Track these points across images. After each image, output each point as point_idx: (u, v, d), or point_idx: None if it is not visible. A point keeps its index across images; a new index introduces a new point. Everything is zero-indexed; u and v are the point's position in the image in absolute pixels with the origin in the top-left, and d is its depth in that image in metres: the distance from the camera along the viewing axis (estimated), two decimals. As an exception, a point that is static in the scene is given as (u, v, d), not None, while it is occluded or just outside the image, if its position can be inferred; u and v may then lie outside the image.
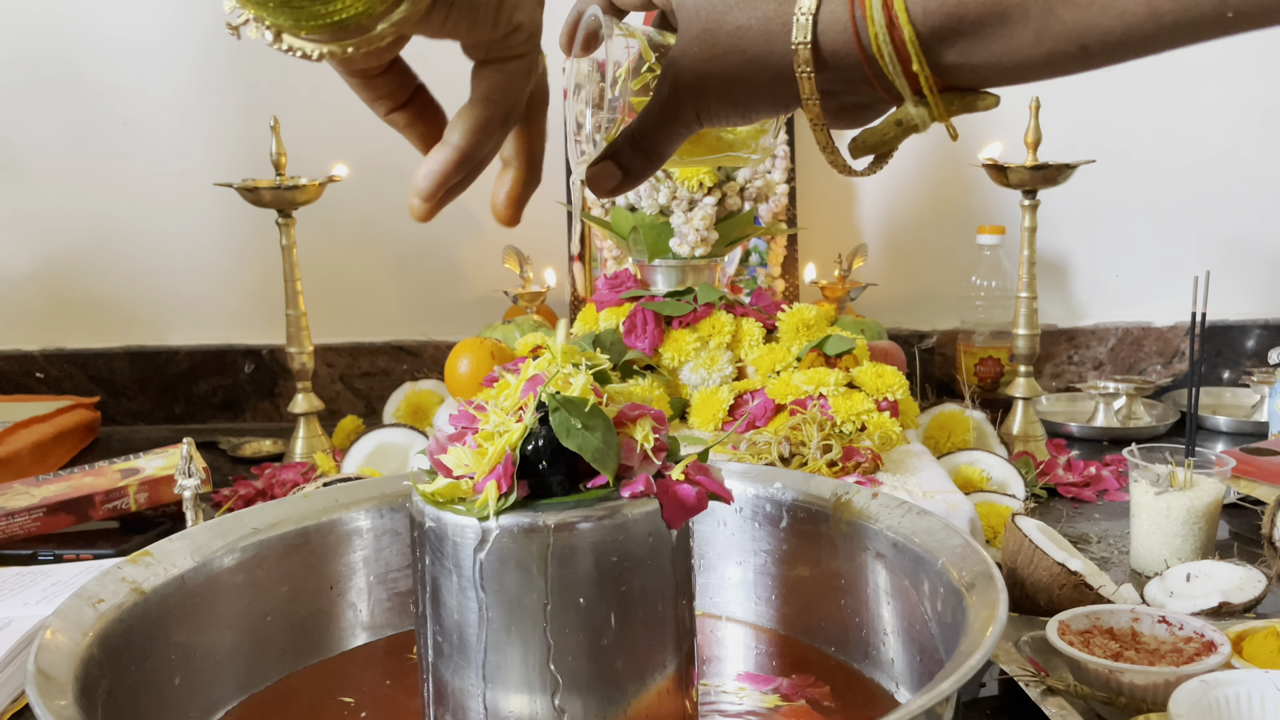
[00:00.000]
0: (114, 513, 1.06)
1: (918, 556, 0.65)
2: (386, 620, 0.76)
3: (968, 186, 1.56)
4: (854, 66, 0.45)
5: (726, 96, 0.47)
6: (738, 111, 0.48)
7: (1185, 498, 0.90)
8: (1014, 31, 0.42)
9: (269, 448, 1.39)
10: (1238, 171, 1.55)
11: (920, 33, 0.43)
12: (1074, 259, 1.59)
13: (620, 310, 1.17)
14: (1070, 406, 1.50)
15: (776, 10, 0.45)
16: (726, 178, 1.22)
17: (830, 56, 0.45)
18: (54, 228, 1.56)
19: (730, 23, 0.46)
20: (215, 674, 0.67)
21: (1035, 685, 0.67)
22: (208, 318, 1.58)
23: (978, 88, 0.46)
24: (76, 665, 0.54)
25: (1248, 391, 1.48)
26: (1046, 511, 1.10)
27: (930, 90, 0.45)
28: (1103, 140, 1.49)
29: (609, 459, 0.52)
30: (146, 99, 1.51)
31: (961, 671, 0.48)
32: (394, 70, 0.45)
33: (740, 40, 0.46)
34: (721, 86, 0.47)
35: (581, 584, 0.52)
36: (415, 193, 0.45)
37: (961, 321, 1.53)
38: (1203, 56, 1.51)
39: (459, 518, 0.52)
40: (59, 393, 1.56)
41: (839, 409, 1.00)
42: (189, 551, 0.66)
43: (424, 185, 0.45)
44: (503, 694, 0.53)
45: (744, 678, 0.70)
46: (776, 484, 0.75)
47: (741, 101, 0.48)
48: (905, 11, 0.42)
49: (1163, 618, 0.72)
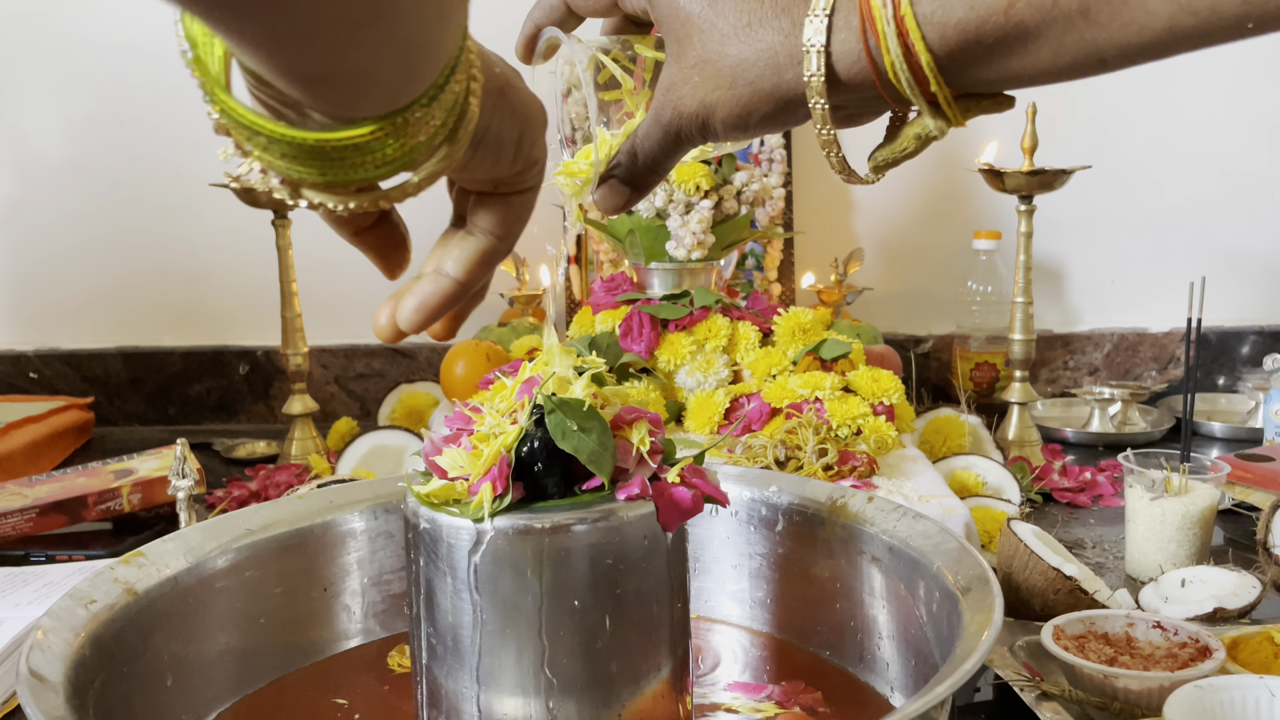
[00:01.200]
0: (107, 513, 1.06)
1: (913, 560, 0.64)
2: (380, 622, 0.76)
3: (964, 191, 1.56)
4: (868, 89, 0.44)
5: (734, 124, 0.47)
6: (745, 135, 0.48)
7: (1180, 503, 0.90)
8: (1032, 49, 0.41)
9: (263, 449, 1.38)
10: (1234, 178, 1.55)
11: (938, 57, 0.42)
12: (1070, 264, 1.59)
13: (616, 313, 1.17)
14: (1066, 412, 1.51)
15: (782, 43, 0.44)
16: (724, 181, 1.22)
17: (844, 85, 0.44)
18: (49, 227, 1.55)
19: (731, 55, 0.45)
20: (208, 675, 0.67)
21: (1030, 690, 0.67)
22: (202, 319, 1.58)
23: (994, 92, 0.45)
24: (68, 666, 0.54)
25: (1243, 398, 1.48)
26: (1042, 516, 1.10)
27: (948, 104, 0.44)
28: (1099, 146, 1.49)
29: (604, 461, 0.52)
30: (144, 99, 1.51)
31: (956, 676, 0.48)
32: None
33: (745, 73, 0.45)
34: (729, 115, 0.46)
35: (576, 586, 0.52)
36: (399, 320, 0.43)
37: (957, 326, 1.53)
38: (1201, 64, 1.51)
39: (454, 519, 0.52)
40: (53, 393, 1.56)
41: (835, 413, 1.00)
42: (182, 552, 0.66)
43: (413, 318, 0.43)
44: (496, 696, 0.53)
45: (736, 687, 0.70)
46: (772, 487, 0.75)
47: (750, 126, 0.47)
48: (922, 40, 0.41)
49: (1157, 623, 0.71)
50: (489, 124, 0.40)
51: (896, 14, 0.41)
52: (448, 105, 0.36)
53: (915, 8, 0.41)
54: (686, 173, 1.19)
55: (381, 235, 0.45)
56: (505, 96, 0.41)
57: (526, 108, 0.43)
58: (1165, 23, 0.38)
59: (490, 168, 0.42)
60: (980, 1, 0.40)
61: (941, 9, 0.41)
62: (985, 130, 1.37)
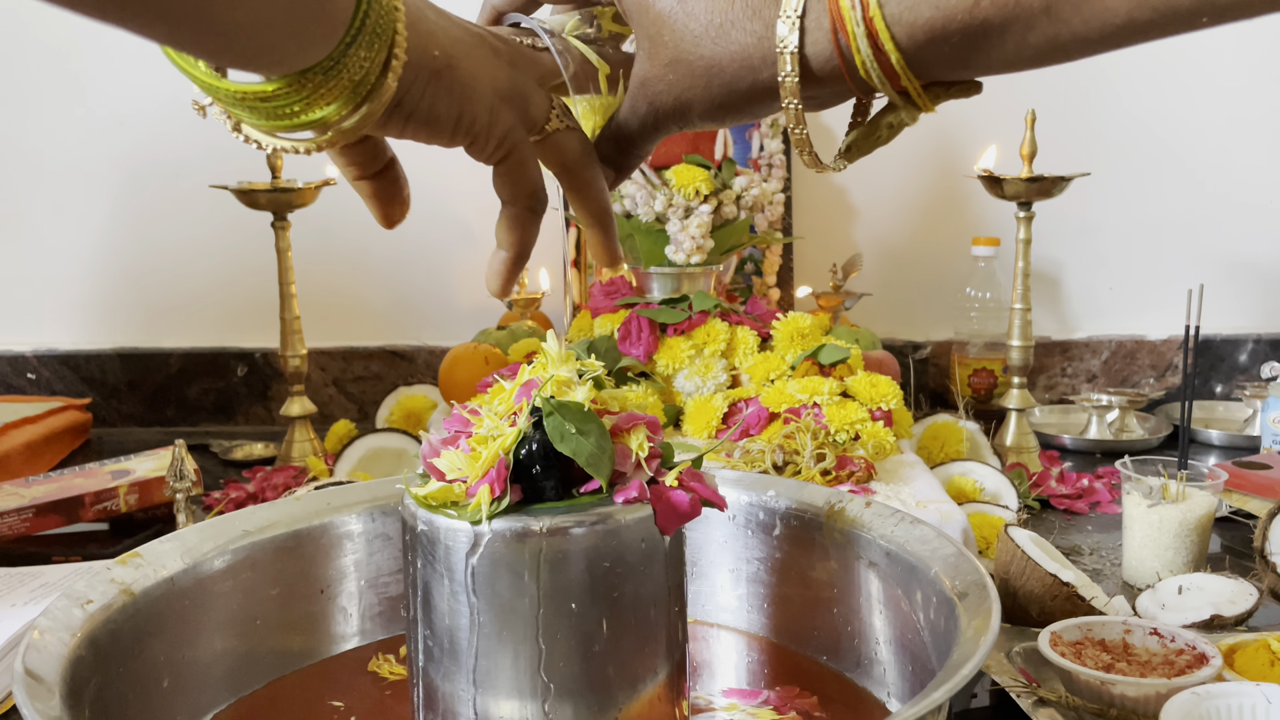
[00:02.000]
0: (104, 514, 1.05)
1: (910, 566, 0.64)
2: (377, 625, 0.76)
3: (963, 198, 1.56)
4: (839, 83, 0.46)
5: (711, 118, 0.49)
6: (720, 125, 0.51)
7: (1178, 510, 0.90)
8: (997, 44, 0.42)
9: (261, 451, 1.38)
10: (1232, 186, 1.55)
11: (906, 54, 0.43)
12: (1068, 271, 1.59)
13: (615, 317, 1.17)
14: (1063, 419, 1.51)
15: (755, 45, 0.46)
16: (723, 186, 1.22)
17: (816, 81, 0.46)
18: (48, 228, 1.55)
19: (705, 56, 0.47)
20: (204, 677, 0.67)
21: (1027, 696, 0.67)
22: (200, 320, 1.58)
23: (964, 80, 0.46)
24: (64, 666, 0.53)
25: (1240, 405, 1.48)
26: (1039, 523, 1.10)
27: (918, 95, 0.45)
28: (1098, 153, 1.50)
29: (603, 464, 0.52)
30: (144, 100, 1.51)
31: (953, 681, 0.48)
32: (367, 143, 0.48)
33: (720, 75, 0.47)
34: (705, 111, 0.49)
35: (573, 589, 0.52)
36: (491, 291, 0.52)
37: (956, 332, 1.53)
38: (1200, 70, 1.52)
39: (451, 521, 0.52)
40: (50, 394, 1.56)
41: (833, 418, 1.00)
42: (179, 553, 0.66)
43: (497, 286, 0.51)
44: (493, 699, 0.53)
45: (732, 692, 0.70)
46: (770, 492, 0.75)
47: (725, 118, 0.49)
48: (891, 40, 0.43)
49: (1154, 630, 0.71)
50: (418, 102, 0.43)
51: (865, 15, 0.43)
52: (354, 75, 0.40)
53: (884, 10, 0.42)
54: (686, 177, 1.19)
55: (382, 185, 0.49)
56: (441, 78, 0.44)
57: (467, 90, 0.45)
58: (1123, 18, 0.40)
59: (428, 139, 0.46)
60: (946, 2, 0.41)
61: (909, 10, 0.42)
62: (984, 136, 1.37)
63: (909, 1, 0.42)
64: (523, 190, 0.49)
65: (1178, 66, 1.52)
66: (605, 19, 0.54)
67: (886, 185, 1.55)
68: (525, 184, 0.49)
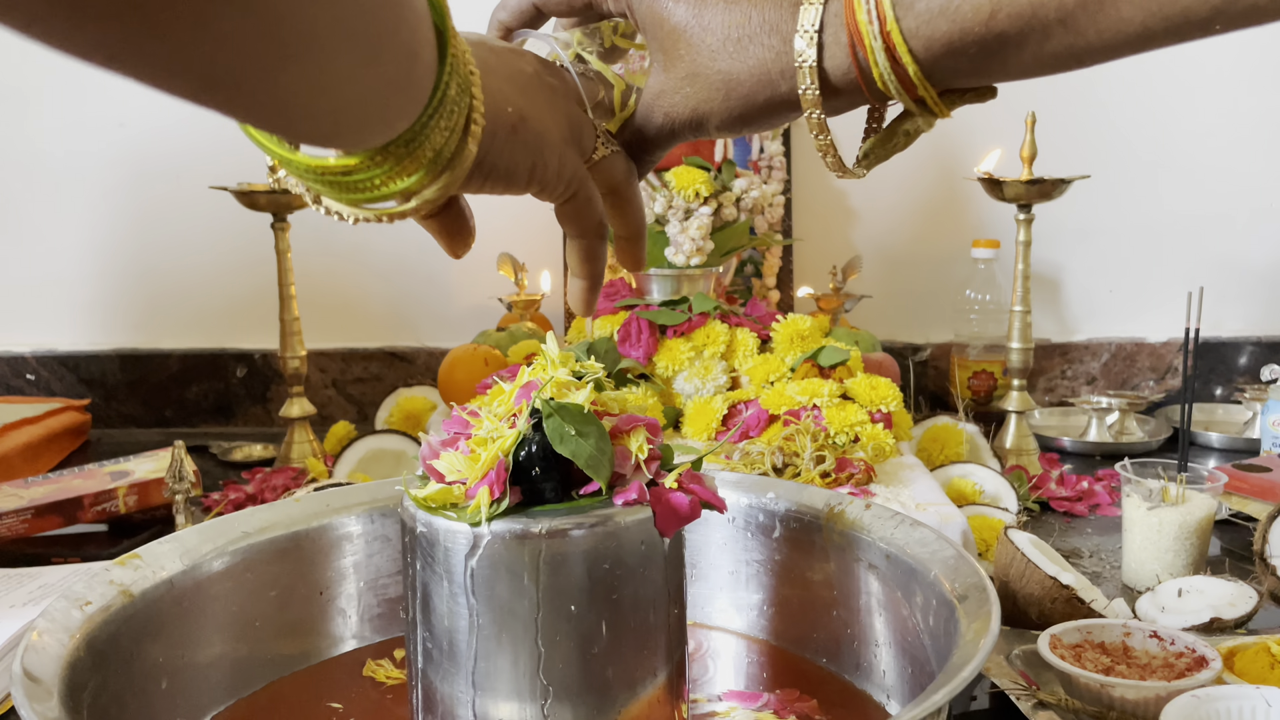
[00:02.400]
0: (103, 515, 1.05)
1: (910, 568, 0.64)
2: (376, 627, 0.76)
3: (963, 200, 1.56)
4: (856, 94, 0.46)
5: (728, 129, 0.50)
6: (736, 135, 0.51)
7: (1177, 513, 0.90)
8: (1013, 54, 0.43)
9: (260, 452, 1.38)
10: (1233, 189, 1.55)
11: (923, 66, 0.44)
12: (1068, 274, 1.59)
13: (615, 319, 1.17)
14: (1063, 421, 1.51)
15: (774, 60, 0.46)
16: (723, 188, 1.22)
17: (834, 92, 0.46)
18: (48, 228, 1.55)
19: (723, 70, 0.47)
20: (203, 678, 0.66)
21: (1026, 699, 0.67)
22: (200, 321, 1.58)
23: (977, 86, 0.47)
24: (63, 668, 0.53)
25: (1240, 408, 1.48)
26: (1039, 526, 1.09)
27: (935, 103, 0.46)
28: (1098, 155, 1.50)
29: (602, 466, 0.52)
30: (144, 101, 1.51)
31: (953, 684, 0.48)
32: None
33: (739, 88, 0.47)
34: (723, 123, 0.49)
35: (573, 591, 0.52)
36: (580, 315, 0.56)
37: (956, 335, 1.53)
38: (1199, 73, 1.52)
39: (451, 523, 0.52)
40: (49, 395, 1.56)
41: (833, 420, 1.00)
42: (178, 555, 0.66)
43: (583, 310, 0.54)
44: (492, 701, 0.53)
45: (732, 694, 0.70)
46: (770, 494, 0.75)
47: (742, 129, 0.50)
48: (909, 54, 0.43)
49: (1154, 632, 0.71)
50: (497, 161, 0.44)
51: (883, 30, 0.43)
52: (436, 145, 0.40)
53: (900, 24, 0.43)
54: (686, 179, 1.19)
55: (448, 220, 0.49)
56: (517, 133, 0.45)
57: (540, 139, 0.46)
58: (1138, 27, 0.40)
59: (503, 191, 0.46)
60: (962, 15, 0.42)
61: (926, 25, 0.43)
62: (984, 139, 1.37)
63: (925, 16, 0.42)
64: (590, 225, 0.50)
65: (1177, 69, 1.52)
66: (608, 33, 0.54)
67: (886, 187, 1.55)
68: (592, 218, 0.50)
